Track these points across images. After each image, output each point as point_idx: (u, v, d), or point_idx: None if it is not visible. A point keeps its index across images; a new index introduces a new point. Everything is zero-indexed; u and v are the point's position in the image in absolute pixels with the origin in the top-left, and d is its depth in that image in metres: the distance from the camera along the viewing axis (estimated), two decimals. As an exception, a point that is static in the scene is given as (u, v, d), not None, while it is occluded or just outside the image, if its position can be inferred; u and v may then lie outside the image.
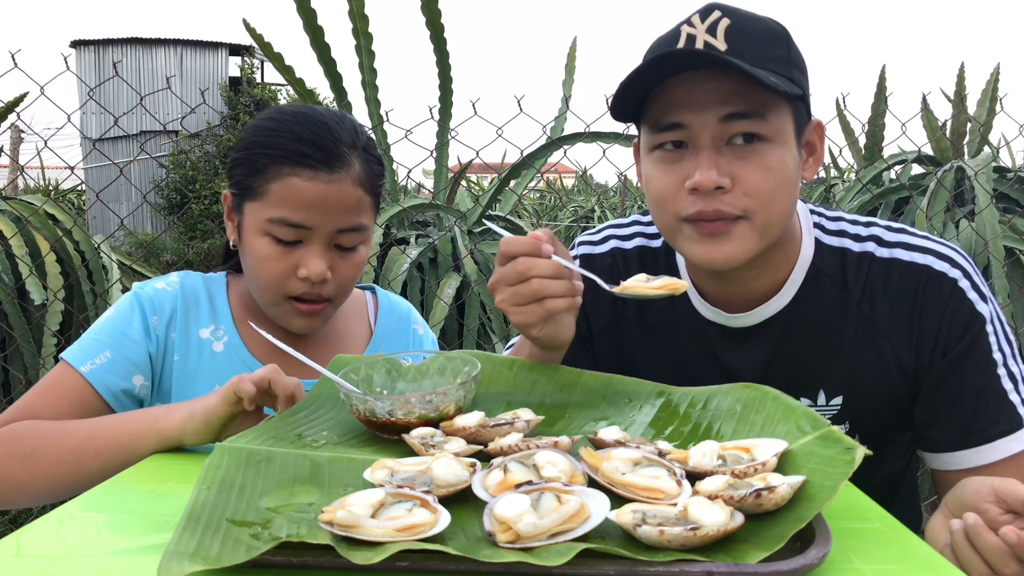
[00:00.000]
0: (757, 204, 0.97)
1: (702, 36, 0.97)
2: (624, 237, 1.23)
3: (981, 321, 1.03)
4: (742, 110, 0.95)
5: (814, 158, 1.06)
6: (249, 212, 1.15)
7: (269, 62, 2.91)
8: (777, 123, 0.97)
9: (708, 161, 0.96)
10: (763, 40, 0.98)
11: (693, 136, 0.98)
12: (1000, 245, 2.59)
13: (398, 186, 3.11)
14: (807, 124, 1.04)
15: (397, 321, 1.36)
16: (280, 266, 1.13)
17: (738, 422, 0.86)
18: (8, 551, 0.66)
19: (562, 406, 0.96)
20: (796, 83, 0.98)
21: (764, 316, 1.10)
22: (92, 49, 14.35)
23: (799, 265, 1.09)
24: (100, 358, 1.13)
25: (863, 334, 1.07)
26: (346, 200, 1.13)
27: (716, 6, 0.99)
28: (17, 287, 2.39)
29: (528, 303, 0.93)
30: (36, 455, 1.00)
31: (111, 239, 3.04)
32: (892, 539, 0.69)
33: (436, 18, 2.66)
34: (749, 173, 0.96)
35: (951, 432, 1.04)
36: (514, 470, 0.71)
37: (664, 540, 0.60)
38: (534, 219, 5.73)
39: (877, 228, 1.10)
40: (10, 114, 2.58)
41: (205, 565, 0.57)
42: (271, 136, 1.13)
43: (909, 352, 1.05)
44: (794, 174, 1.00)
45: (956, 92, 3.19)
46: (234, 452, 0.80)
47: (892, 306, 1.05)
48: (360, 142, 1.16)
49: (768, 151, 0.97)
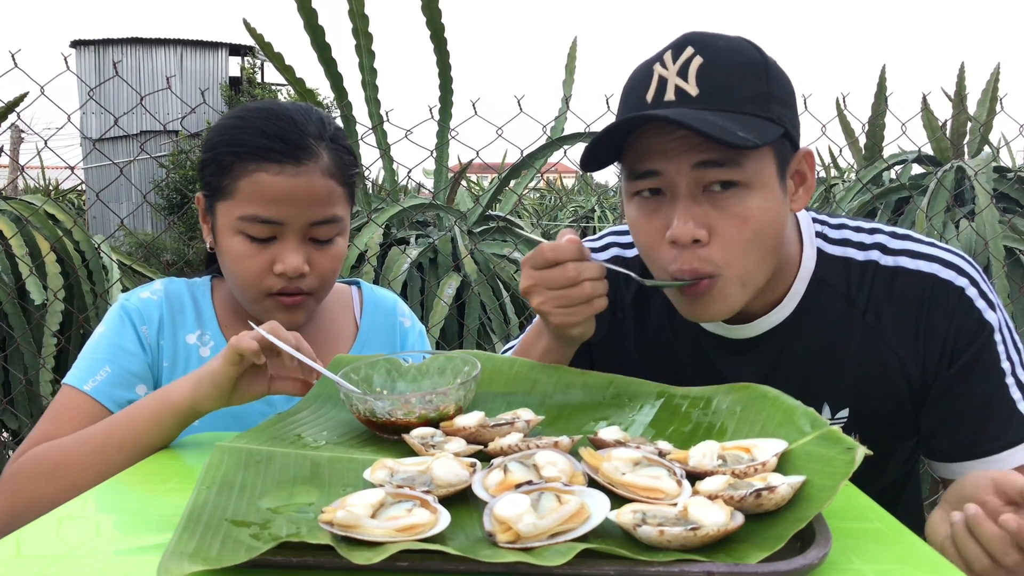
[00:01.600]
0: (733, 258, 0.95)
1: (673, 79, 0.94)
2: (625, 245, 1.22)
3: (989, 330, 1.01)
4: (715, 158, 0.92)
5: (804, 188, 1.02)
6: (221, 212, 1.14)
7: (269, 62, 2.91)
8: (755, 167, 0.94)
9: (684, 212, 0.94)
10: (738, 78, 0.94)
11: (669, 183, 0.96)
12: (1000, 245, 2.58)
13: (398, 186, 3.11)
14: (793, 156, 1.00)
15: (383, 315, 1.35)
16: (256, 263, 1.12)
17: (738, 422, 0.86)
18: (8, 551, 0.66)
19: (562, 406, 0.96)
20: (777, 118, 0.94)
21: (764, 328, 1.08)
22: (92, 49, 14.36)
23: (800, 276, 1.06)
24: (101, 374, 1.13)
25: (868, 345, 1.05)
26: (316, 192, 1.11)
27: (690, 40, 0.96)
28: (17, 287, 2.39)
29: (578, 305, 0.97)
30: (61, 468, 1.00)
31: (111, 239, 3.04)
32: (892, 539, 0.69)
33: (436, 18, 2.66)
34: (726, 225, 0.94)
35: (959, 443, 1.03)
36: (514, 470, 0.71)
37: (664, 540, 0.60)
38: (534, 219, 5.73)
39: (881, 235, 1.07)
40: (10, 114, 2.58)
41: (205, 565, 0.57)
42: (236, 134, 1.12)
43: (916, 363, 1.03)
44: (777, 216, 0.97)
45: (956, 92, 3.19)
46: (234, 452, 0.80)
47: (897, 316, 1.03)
48: (327, 133, 1.15)
49: (746, 198, 0.94)
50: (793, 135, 0.98)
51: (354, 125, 2.82)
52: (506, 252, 2.80)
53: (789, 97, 0.99)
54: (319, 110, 1.19)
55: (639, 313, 1.18)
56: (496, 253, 2.79)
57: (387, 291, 1.41)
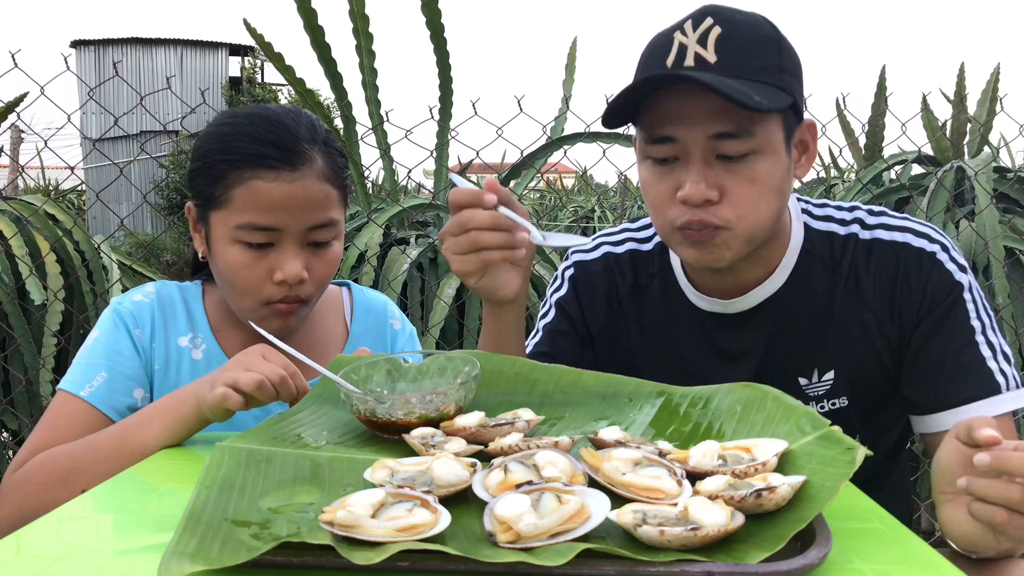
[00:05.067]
0: (742, 215, 1.02)
1: (693, 47, 1.00)
2: (615, 243, 1.28)
3: (960, 288, 1.08)
4: (730, 130, 0.99)
5: (807, 156, 1.10)
6: (216, 222, 1.13)
7: (269, 62, 2.91)
8: (765, 135, 1.01)
9: (697, 175, 1.01)
10: (754, 48, 1.01)
11: (684, 149, 1.02)
12: (1000, 245, 2.58)
13: (398, 186, 3.11)
14: (798, 126, 1.07)
15: (374, 317, 1.35)
16: (255, 272, 1.12)
17: (738, 422, 0.86)
18: (8, 551, 0.66)
19: (562, 406, 0.96)
20: (787, 89, 1.01)
21: (758, 300, 1.14)
22: (92, 49, 14.37)
23: (791, 249, 1.14)
24: (97, 379, 1.13)
25: (850, 311, 1.12)
26: (313, 197, 1.11)
27: (710, 10, 1.02)
28: (17, 287, 2.38)
29: (466, 253, 0.98)
30: (74, 475, 0.99)
31: (111, 239, 3.04)
32: (892, 539, 0.69)
33: (436, 18, 2.65)
34: (736, 186, 1.01)
35: (931, 393, 1.08)
36: (514, 470, 0.71)
37: (664, 540, 0.60)
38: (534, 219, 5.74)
39: (860, 212, 1.16)
40: (10, 114, 2.58)
41: (205, 565, 0.57)
42: (228, 141, 1.11)
43: (893, 324, 1.11)
44: (783, 180, 1.04)
45: (956, 92, 3.19)
46: (234, 452, 0.80)
47: (875, 283, 1.11)
48: (319, 136, 1.14)
49: (756, 163, 1.01)
50: (800, 106, 1.04)
51: (354, 125, 2.82)
52: (506, 252, 2.79)
53: (798, 70, 1.05)
54: (308, 113, 1.18)
55: (637, 300, 1.23)
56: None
57: (378, 293, 1.41)
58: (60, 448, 1.04)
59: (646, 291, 1.23)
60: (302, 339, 1.23)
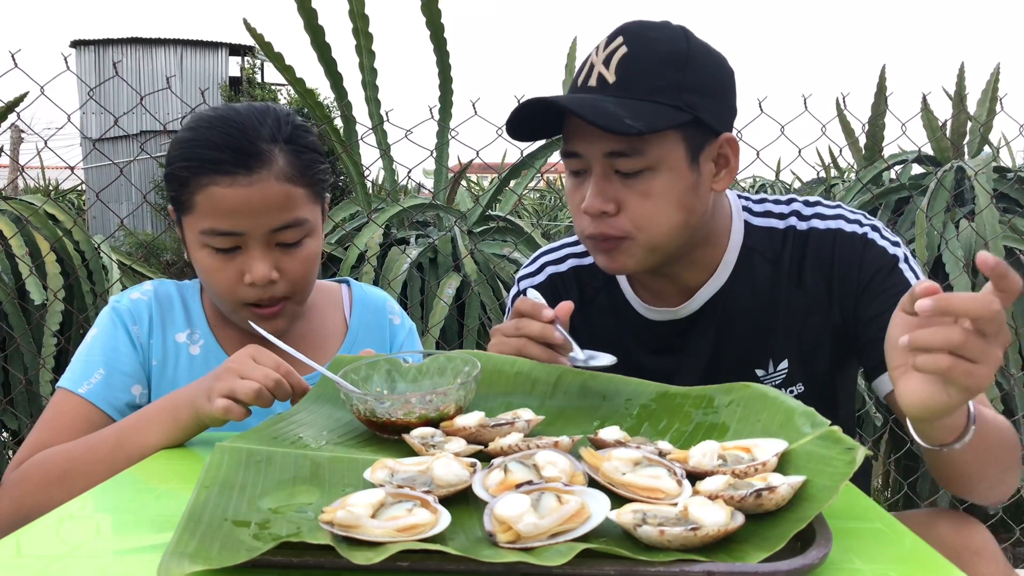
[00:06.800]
0: (640, 227, 1.06)
1: (599, 67, 1.06)
2: (557, 261, 1.30)
3: (895, 260, 1.13)
4: (622, 149, 1.03)
5: (727, 170, 1.11)
6: (186, 226, 1.14)
7: (269, 62, 2.91)
8: (659, 153, 1.04)
9: (595, 188, 1.06)
10: (654, 68, 1.04)
11: (587, 164, 1.07)
12: (1000, 245, 2.58)
13: (398, 186, 3.10)
14: (712, 141, 1.08)
15: (373, 313, 1.34)
16: (225, 275, 1.12)
17: (738, 422, 0.86)
18: (8, 551, 0.66)
19: (562, 406, 0.96)
20: (686, 106, 1.03)
21: (702, 301, 1.18)
22: (92, 49, 14.36)
23: (730, 248, 1.17)
24: (95, 377, 1.13)
25: (795, 301, 1.16)
26: (272, 199, 1.09)
27: (624, 29, 1.07)
28: (17, 287, 2.38)
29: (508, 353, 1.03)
30: (70, 475, 0.99)
31: (111, 239, 3.04)
32: (892, 539, 0.69)
33: (436, 18, 2.65)
34: (632, 200, 1.06)
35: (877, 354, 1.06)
36: (514, 470, 0.71)
37: (664, 540, 0.60)
38: (534, 219, 5.73)
39: (796, 204, 1.20)
40: (10, 114, 2.58)
41: (205, 565, 0.57)
42: (189, 147, 1.11)
43: (835, 308, 1.15)
44: (684, 194, 1.07)
45: (956, 92, 3.18)
46: (234, 452, 0.80)
47: (814, 270, 1.15)
48: (282, 134, 1.12)
49: (652, 180, 1.05)
50: (710, 122, 1.06)
51: (354, 125, 2.82)
52: (506, 252, 2.80)
53: (713, 87, 1.08)
54: (278, 109, 1.16)
55: (586, 316, 1.25)
56: (496, 253, 2.79)
57: (377, 289, 1.41)
58: (58, 448, 1.05)
59: (592, 305, 1.25)
60: (301, 335, 1.23)
